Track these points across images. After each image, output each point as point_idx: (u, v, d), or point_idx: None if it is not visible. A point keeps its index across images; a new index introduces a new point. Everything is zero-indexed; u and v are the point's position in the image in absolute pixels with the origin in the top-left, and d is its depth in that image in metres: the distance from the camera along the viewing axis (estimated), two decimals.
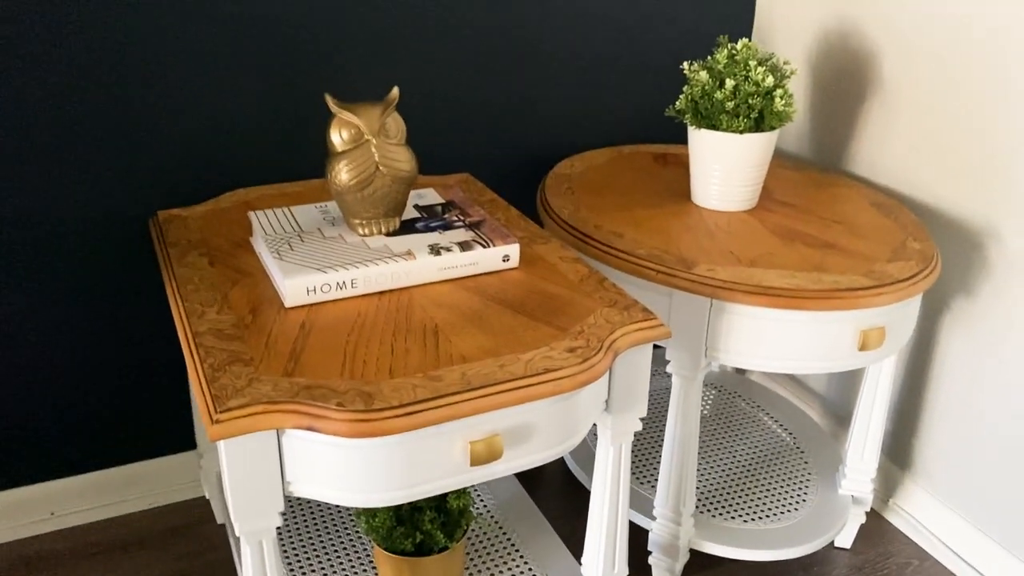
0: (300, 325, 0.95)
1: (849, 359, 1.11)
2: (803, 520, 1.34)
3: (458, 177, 1.41)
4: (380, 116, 1.04)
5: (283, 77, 1.35)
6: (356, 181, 1.04)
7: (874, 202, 1.34)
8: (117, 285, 1.36)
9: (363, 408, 0.81)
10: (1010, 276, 1.26)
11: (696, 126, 1.25)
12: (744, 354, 1.12)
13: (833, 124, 1.53)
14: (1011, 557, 1.31)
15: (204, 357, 0.88)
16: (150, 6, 1.23)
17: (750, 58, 1.22)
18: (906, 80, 1.38)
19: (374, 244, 1.06)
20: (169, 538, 1.43)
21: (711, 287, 1.08)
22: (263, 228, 1.10)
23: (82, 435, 1.42)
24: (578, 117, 1.58)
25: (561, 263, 1.10)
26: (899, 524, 1.49)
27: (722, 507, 1.36)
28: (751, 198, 1.29)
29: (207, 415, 0.81)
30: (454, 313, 0.98)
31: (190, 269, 1.07)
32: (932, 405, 1.42)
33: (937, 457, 1.42)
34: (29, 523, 1.42)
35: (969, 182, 1.30)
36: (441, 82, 1.45)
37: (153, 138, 1.30)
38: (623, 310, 0.99)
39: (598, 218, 1.25)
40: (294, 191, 1.33)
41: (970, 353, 1.34)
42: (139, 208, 1.33)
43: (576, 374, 0.88)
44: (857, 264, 1.12)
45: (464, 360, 0.89)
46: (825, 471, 1.45)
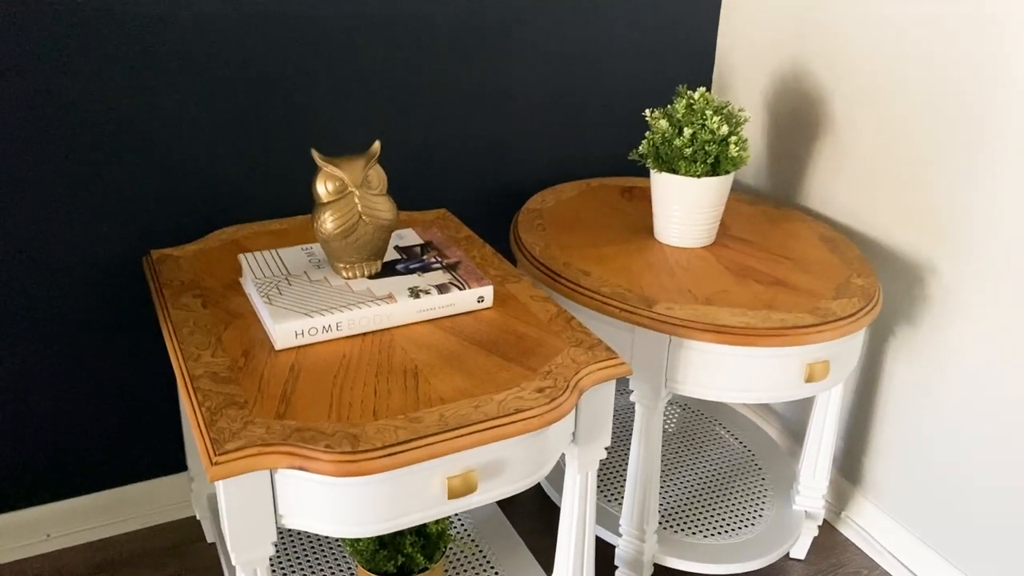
0: (290, 367, 1.03)
1: (797, 390, 1.21)
2: (760, 535, 1.44)
3: (436, 213, 1.49)
4: (363, 169, 1.12)
5: (268, 122, 1.42)
6: (341, 230, 1.12)
7: (823, 236, 1.44)
8: (109, 319, 1.42)
9: (349, 450, 0.89)
10: (947, 309, 1.36)
11: (657, 169, 1.34)
12: (700, 385, 1.21)
13: (788, 160, 1.63)
14: (952, 568, 1.41)
15: (202, 401, 0.96)
16: (143, 56, 1.30)
17: (706, 107, 1.31)
18: (853, 123, 1.48)
19: (357, 287, 1.14)
20: (162, 557, 1.50)
21: (670, 325, 1.17)
22: (252, 271, 1.17)
23: (76, 460, 1.48)
24: (549, 154, 1.66)
25: (532, 302, 1.19)
26: (850, 535, 1.59)
27: (684, 523, 1.45)
28: (709, 235, 1.38)
29: (206, 457, 0.88)
30: (432, 354, 1.06)
31: (184, 311, 1.14)
32: (880, 425, 1.52)
33: (885, 474, 1.52)
34: (26, 545, 1.48)
35: (910, 220, 1.40)
36: (419, 122, 1.53)
37: (146, 179, 1.37)
38: (588, 349, 1.08)
39: (567, 255, 1.34)
40: (279, 228, 1.41)
41: (914, 378, 1.44)
42: (131, 245, 1.40)
43: (544, 413, 0.97)
44: (803, 301, 1.22)
45: (442, 401, 0.97)
46: (780, 487, 1.54)
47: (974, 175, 1.29)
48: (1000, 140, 1.24)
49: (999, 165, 1.25)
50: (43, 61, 1.25)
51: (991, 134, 1.25)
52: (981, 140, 1.27)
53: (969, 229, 1.31)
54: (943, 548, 1.43)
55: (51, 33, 1.24)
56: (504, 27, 1.53)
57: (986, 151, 1.26)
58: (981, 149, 1.27)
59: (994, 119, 1.24)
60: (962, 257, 1.32)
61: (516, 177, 1.65)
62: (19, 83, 1.24)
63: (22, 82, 1.24)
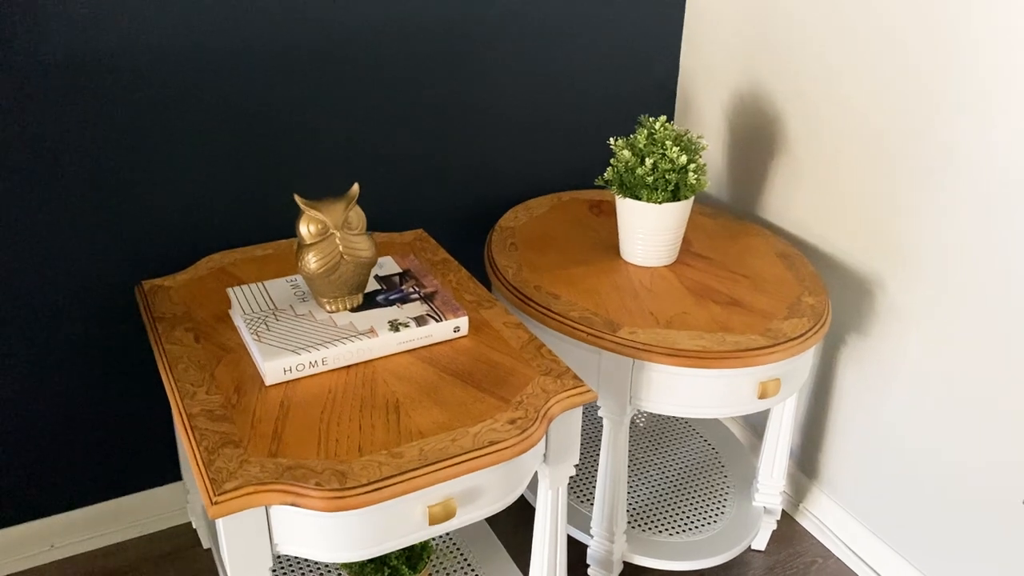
0: (280, 403, 1.11)
1: (751, 405, 1.30)
2: (722, 531, 1.54)
3: (413, 234, 1.56)
4: (343, 211, 1.19)
5: (248, 148, 1.48)
6: (324, 269, 1.19)
7: (779, 252, 1.53)
8: (105, 342, 1.49)
9: (338, 487, 0.97)
10: (892, 321, 1.46)
11: (622, 195, 1.42)
12: (662, 402, 1.30)
13: (747, 174, 1.71)
14: (898, 557, 1.53)
15: (199, 440, 1.04)
16: (126, 92, 1.36)
17: (667, 138, 1.39)
18: (807, 142, 1.56)
19: (340, 321, 1.22)
20: (161, 563, 1.59)
21: (633, 348, 1.25)
22: (241, 306, 1.25)
23: (78, 474, 1.56)
24: (522, 168, 1.74)
25: (505, 329, 1.27)
26: (807, 526, 1.70)
27: (651, 522, 1.55)
28: (671, 254, 1.47)
29: (206, 496, 0.97)
30: (412, 386, 1.14)
31: (178, 346, 1.22)
32: (834, 425, 1.62)
33: (839, 469, 1.63)
34: (31, 555, 1.57)
35: (859, 236, 1.49)
36: (395, 142, 1.59)
37: (134, 208, 1.43)
38: (557, 378, 1.16)
39: (538, 278, 1.42)
40: (264, 254, 1.48)
41: (864, 383, 1.54)
42: (123, 271, 1.47)
43: (516, 444, 1.06)
44: (757, 322, 1.31)
45: (421, 435, 1.06)
46: (741, 483, 1.65)
47: (918, 196, 1.38)
48: (943, 163, 1.33)
49: (943, 187, 1.34)
50: (33, 101, 1.30)
51: (935, 157, 1.34)
52: (925, 162, 1.35)
53: (913, 247, 1.40)
54: (891, 539, 1.54)
55: (28, 76, 1.30)
56: (476, 48, 1.59)
57: (930, 173, 1.35)
58: (925, 171, 1.36)
59: (937, 143, 1.33)
60: (907, 273, 1.42)
61: (491, 192, 1.73)
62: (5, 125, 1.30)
63: (9, 124, 1.30)
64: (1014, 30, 1.19)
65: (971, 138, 1.27)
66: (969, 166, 1.28)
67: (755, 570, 1.60)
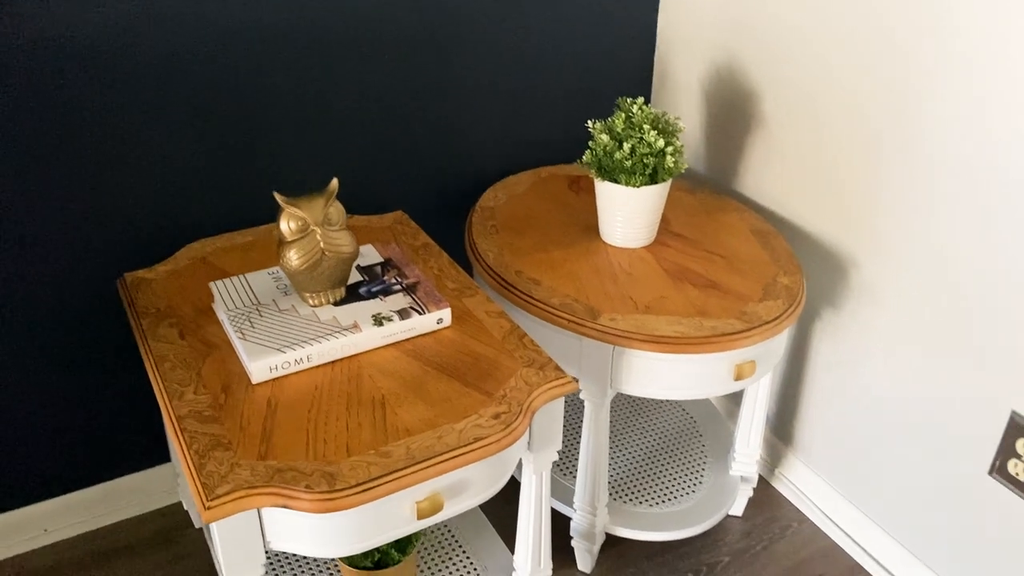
0: (267, 402, 1.13)
1: (727, 386, 1.34)
2: (700, 501, 1.59)
3: (393, 217, 1.56)
4: (323, 207, 1.20)
5: (226, 135, 1.47)
6: (306, 266, 1.20)
7: (755, 229, 1.55)
8: (87, 330, 1.50)
9: (327, 489, 1.00)
10: (863, 297, 1.49)
11: (601, 179, 1.42)
12: (641, 385, 1.33)
13: (725, 149, 1.72)
14: (868, 520, 1.59)
15: (189, 443, 1.06)
16: (101, 82, 1.34)
17: (644, 121, 1.39)
18: (782, 119, 1.57)
19: (324, 316, 1.23)
20: (153, 544, 1.62)
21: (613, 336, 1.28)
22: (224, 302, 1.26)
23: (68, 459, 1.58)
24: (502, 144, 1.74)
25: (487, 318, 1.29)
26: (783, 491, 1.76)
27: (632, 494, 1.60)
28: (649, 235, 1.48)
29: (199, 501, 0.99)
30: (397, 382, 1.16)
31: (163, 344, 1.23)
32: (808, 394, 1.66)
33: (813, 437, 1.68)
34: (25, 540, 1.59)
35: (833, 214, 1.51)
36: (371, 124, 1.59)
37: (112, 196, 1.43)
38: (539, 369, 1.19)
39: (519, 263, 1.43)
40: (244, 241, 1.48)
41: (838, 356, 1.58)
42: (102, 259, 1.47)
43: (501, 439, 1.09)
44: (733, 305, 1.33)
45: (408, 433, 1.08)
46: (719, 452, 1.70)
47: (890, 175, 1.40)
48: (914, 144, 1.34)
49: (913, 168, 1.36)
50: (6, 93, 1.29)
51: (906, 138, 1.35)
52: (897, 143, 1.37)
53: (885, 225, 1.42)
54: (863, 504, 1.60)
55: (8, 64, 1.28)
56: (452, 26, 1.58)
57: (901, 154, 1.37)
58: (896, 151, 1.38)
59: (915, 127, 1.34)
60: (879, 252, 1.44)
61: (470, 169, 1.73)
62: None
63: None
64: (994, 9, 1.19)
65: (949, 123, 1.29)
66: (945, 151, 1.30)
67: (732, 535, 1.66)
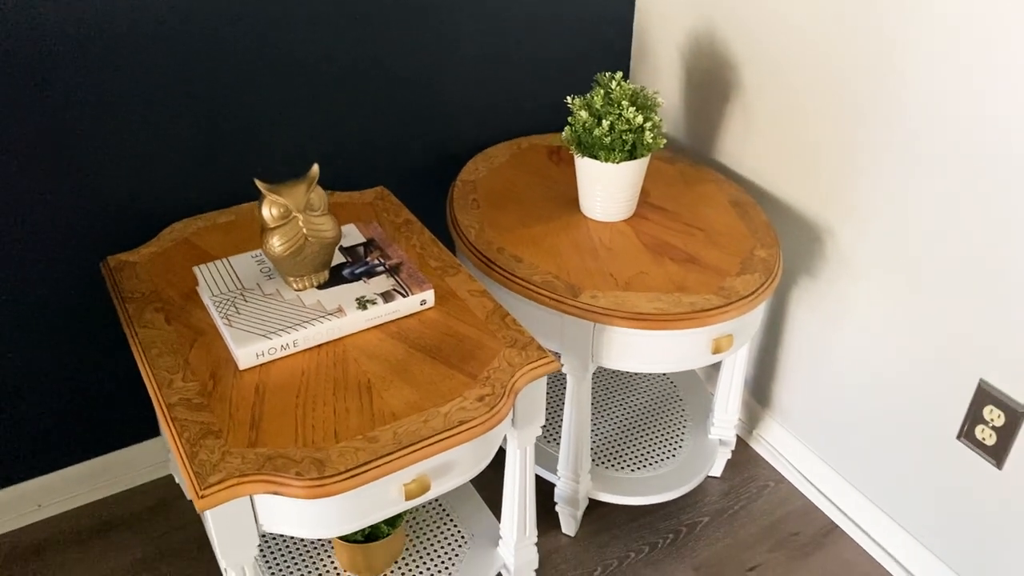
0: (255, 388, 1.15)
1: (705, 359, 1.37)
2: (680, 465, 1.64)
3: (374, 192, 1.57)
4: (304, 193, 1.20)
5: (202, 111, 1.47)
6: (289, 252, 1.21)
7: (734, 200, 1.56)
8: (72, 310, 1.51)
9: (317, 476, 1.03)
10: (841, 267, 1.52)
11: (580, 154, 1.43)
12: (621, 359, 1.36)
13: (704, 119, 1.73)
14: (842, 480, 1.64)
15: (180, 431, 1.08)
16: (79, 55, 1.33)
17: (623, 98, 1.40)
18: (761, 89, 1.57)
19: (308, 300, 1.25)
20: (146, 516, 1.65)
21: (593, 313, 1.30)
22: (208, 286, 1.27)
23: (60, 435, 1.60)
24: (481, 114, 1.73)
25: (470, 297, 1.31)
26: (760, 451, 1.81)
27: (614, 459, 1.64)
28: (629, 209, 1.50)
29: (192, 489, 1.02)
30: (382, 365, 1.19)
31: (150, 330, 1.24)
32: (786, 358, 1.70)
33: (790, 399, 1.72)
34: (20, 515, 1.62)
35: (809, 184, 1.53)
36: (349, 98, 1.58)
37: (91, 176, 1.42)
38: (522, 349, 1.21)
39: (501, 239, 1.45)
40: (226, 220, 1.48)
41: (814, 322, 1.61)
42: (85, 239, 1.47)
43: (485, 421, 1.11)
44: (711, 280, 1.36)
45: (394, 417, 1.11)
46: (698, 417, 1.74)
47: (864, 147, 1.41)
48: (889, 116, 1.36)
49: (887, 140, 1.37)
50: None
51: (881, 110, 1.37)
52: (872, 114, 1.39)
53: (859, 196, 1.44)
54: (838, 464, 1.65)
55: None
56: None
57: (876, 126, 1.38)
58: (871, 123, 1.39)
59: (884, 97, 1.36)
60: (853, 221, 1.47)
61: (451, 140, 1.73)
62: None
63: None
64: None
65: (925, 96, 1.30)
66: (920, 123, 1.32)
67: (712, 495, 1.71)
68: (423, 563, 1.45)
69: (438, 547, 1.47)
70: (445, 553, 1.46)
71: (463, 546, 1.48)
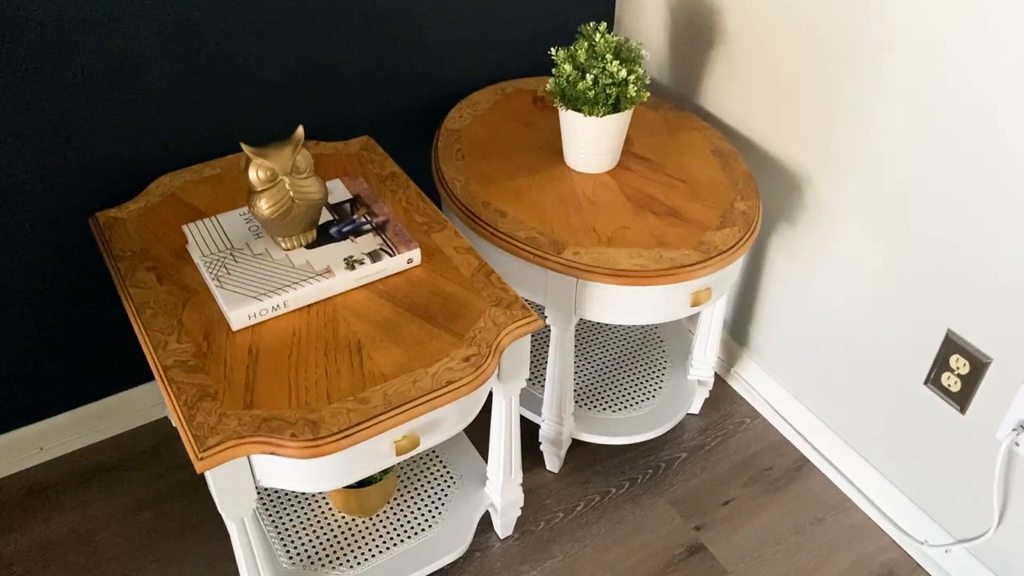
0: (248, 349, 1.19)
1: (684, 311, 1.41)
2: (660, 405, 1.70)
3: (359, 142, 1.58)
4: (291, 156, 1.22)
5: (187, 61, 1.46)
6: (277, 214, 1.23)
7: (716, 150, 1.58)
8: (68, 263, 1.53)
9: (311, 437, 1.08)
10: (820, 216, 1.55)
11: (564, 107, 1.44)
12: (603, 312, 1.40)
13: (689, 64, 1.73)
14: (815, 418, 1.71)
15: (178, 394, 1.12)
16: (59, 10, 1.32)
17: (607, 51, 1.40)
18: (745, 36, 1.57)
19: (297, 260, 1.27)
20: (145, 458, 1.71)
21: (576, 269, 1.34)
22: (198, 246, 1.29)
23: (60, 381, 1.64)
24: (465, 58, 1.72)
25: (456, 255, 1.34)
26: (738, 388, 1.87)
27: (596, 401, 1.70)
28: (612, 160, 1.51)
29: (192, 451, 1.07)
30: (371, 325, 1.22)
31: (142, 289, 1.27)
32: (764, 301, 1.75)
33: (767, 340, 1.78)
34: (23, 458, 1.68)
35: (790, 132, 1.55)
36: (332, 46, 1.57)
37: (76, 129, 1.43)
38: (506, 308, 1.25)
39: (486, 192, 1.47)
40: (213, 173, 1.49)
41: (793, 268, 1.65)
42: (72, 191, 1.48)
43: (472, 380, 1.16)
44: (691, 235, 1.39)
45: (384, 378, 1.15)
46: (678, 358, 1.80)
47: (843, 96, 1.43)
48: (867, 65, 1.37)
49: (865, 90, 1.39)
50: None
51: (864, 61, 1.38)
52: (853, 64, 1.40)
53: (837, 146, 1.47)
54: (811, 403, 1.72)
55: None
56: None
57: (856, 76, 1.40)
58: (852, 73, 1.40)
59: (863, 44, 1.36)
60: (834, 173, 1.49)
61: (435, 85, 1.72)
62: None
63: None
64: None
65: (903, 45, 1.31)
66: (898, 74, 1.33)
67: (689, 432, 1.79)
68: (414, 503, 1.52)
69: (428, 488, 1.54)
70: (435, 493, 1.53)
71: (452, 486, 1.55)
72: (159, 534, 1.59)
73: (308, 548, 1.45)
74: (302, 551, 1.44)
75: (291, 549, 1.44)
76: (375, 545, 1.45)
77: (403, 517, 1.50)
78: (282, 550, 1.44)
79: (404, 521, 1.49)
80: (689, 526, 1.62)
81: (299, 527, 1.47)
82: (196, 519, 1.61)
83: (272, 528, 1.47)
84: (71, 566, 1.54)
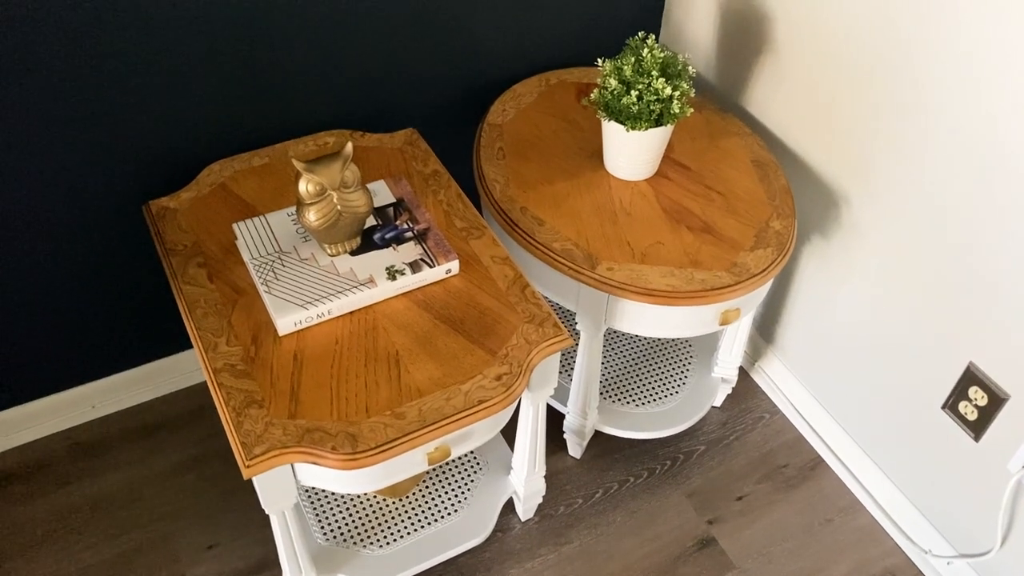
0: (293, 356, 1.25)
1: (712, 327, 1.45)
2: (683, 401, 1.76)
3: (403, 135, 1.61)
4: (339, 171, 1.26)
5: (236, 53, 1.49)
6: (325, 226, 1.28)
7: (756, 159, 1.59)
8: (120, 243, 1.60)
9: (350, 450, 1.15)
10: (854, 234, 1.56)
11: (608, 119, 1.46)
12: (633, 325, 1.45)
13: (735, 62, 1.72)
14: (832, 420, 1.76)
15: (227, 400, 1.20)
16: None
17: (653, 67, 1.40)
18: (792, 45, 1.56)
19: (342, 267, 1.32)
20: (189, 418, 1.81)
21: (608, 286, 1.38)
22: (248, 246, 1.34)
23: (113, 345, 1.73)
24: (510, 47, 1.73)
25: (493, 265, 1.38)
26: (760, 383, 1.92)
27: (621, 394, 1.76)
28: (652, 169, 1.53)
29: (239, 458, 1.14)
30: (409, 337, 1.28)
31: (194, 287, 1.33)
32: (793, 303, 1.78)
33: (791, 340, 1.82)
34: (75, 415, 1.78)
35: (831, 149, 1.55)
36: (381, 34, 1.58)
37: (129, 116, 1.47)
38: (539, 326, 1.30)
39: (524, 197, 1.50)
40: (261, 163, 1.54)
41: (823, 277, 1.68)
42: (122, 177, 1.54)
43: (502, 400, 1.22)
44: (724, 255, 1.42)
45: (419, 394, 1.21)
46: (703, 355, 1.84)
47: (887, 119, 1.42)
48: (911, 91, 1.37)
49: (909, 115, 1.39)
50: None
51: (905, 84, 1.37)
52: (896, 87, 1.39)
53: (877, 169, 1.47)
54: (830, 406, 1.76)
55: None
56: None
57: (898, 99, 1.39)
58: (895, 96, 1.40)
59: (907, 70, 1.36)
60: (869, 192, 1.50)
61: (480, 75, 1.73)
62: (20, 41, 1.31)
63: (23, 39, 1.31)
64: None
65: (947, 77, 1.31)
66: (941, 102, 1.33)
67: (710, 424, 1.85)
68: (442, 487, 1.60)
69: (456, 473, 1.62)
70: (462, 478, 1.62)
71: (478, 472, 1.63)
72: (203, 496, 1.69)
73: (342, 526, 1.54)
74: (336, 529, 1.54)
75: (325, 526, 1.54)
76: (404, 526, 1.55)
77: (431, 500, 1.59)
78: (317, 527, 1.54)
79: (432, 504, 1.58)
80: (702, 519, 1.69)
81: (334, 506, 1.57)
82: (237, 483, 1.71)
83: (308, 505, 1.57)
84: (121, 521, 1.65)
